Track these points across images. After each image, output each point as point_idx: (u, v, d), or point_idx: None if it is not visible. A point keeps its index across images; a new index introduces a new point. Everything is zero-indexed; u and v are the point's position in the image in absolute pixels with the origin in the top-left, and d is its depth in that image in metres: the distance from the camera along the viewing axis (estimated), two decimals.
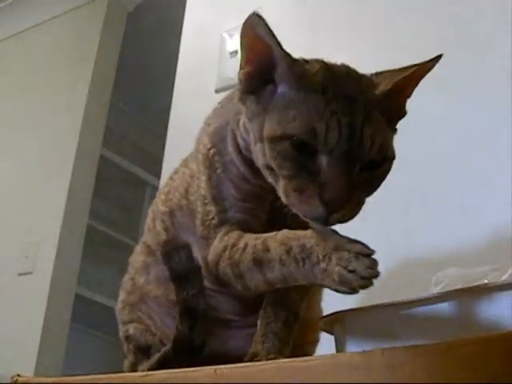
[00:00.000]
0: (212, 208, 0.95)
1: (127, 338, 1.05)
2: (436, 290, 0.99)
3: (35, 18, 3.97)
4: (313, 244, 0.77)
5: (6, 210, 3.50)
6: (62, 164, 3.37)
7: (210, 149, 0.97)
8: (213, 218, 0.95)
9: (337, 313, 0.91)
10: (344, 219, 0.78)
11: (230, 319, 1.01)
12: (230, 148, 0.94)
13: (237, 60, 1.87)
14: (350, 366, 0.65)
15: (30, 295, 3.13)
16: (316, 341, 1.09)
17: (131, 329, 1.05)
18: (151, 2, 3.89)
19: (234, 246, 0.89)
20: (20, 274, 3.22)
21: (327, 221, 0.77)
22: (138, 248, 1.12)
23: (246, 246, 0.87)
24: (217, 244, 0.93)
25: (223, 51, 1.95)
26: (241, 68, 0.86)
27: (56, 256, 3.15)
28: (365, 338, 0.90)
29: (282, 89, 0.83)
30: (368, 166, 0.80)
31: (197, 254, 0.97)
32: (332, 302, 0.98)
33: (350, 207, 0.78)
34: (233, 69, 1.65)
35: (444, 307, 0.86)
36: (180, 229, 1.02)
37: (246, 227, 0.93)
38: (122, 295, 1.10)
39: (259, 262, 0.84)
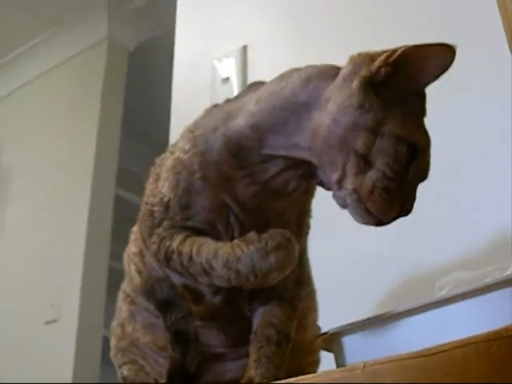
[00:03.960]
0: (172, 211, 0.93)
1: (123, 379, 1.03)
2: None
3: (36, 69, 4.03)
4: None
5: (26, 261, 3.51)
6: (78, 208, 3.39)
7: (188, 151, 0.94)
8: (171, 219, 0.93)
9: (335, 329, 0.88)
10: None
11: (222, 352, 0.99)
12: (219, 149, 0.92)
13: (229, 86, 1.89)
14: None
15: (58, 342, 3.13)
16: (315, 362, 1.06)
17: (125, 370, 1.03)
18: (152, 39, 3.92)
19: (181, 253, 0.90)
20: (47, 323, 3.23)
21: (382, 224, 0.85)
22: (120, 295, 1.10)
23: (190, 258, 0.89)
24: (169, 244, 0.92)
25: (215, 78, 1.94)
26: (385, 64, 0.84)
27: (80, 301, 3.16)
28: (365, 352, 0.87)
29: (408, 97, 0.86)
30: None
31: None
32: (332, 317, 0.96)
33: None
34: (225, 95, 1.64)
35: (444, 311, 0.83)
36: (151, 267, 0.99)
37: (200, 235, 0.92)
38: (113, 341, 1.08)
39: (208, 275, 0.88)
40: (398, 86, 0.84)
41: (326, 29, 1.78)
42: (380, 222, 0.84)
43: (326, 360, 0.96)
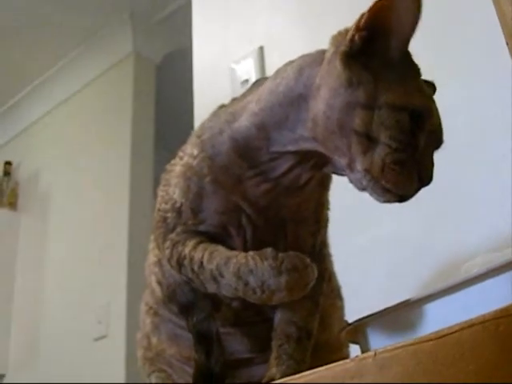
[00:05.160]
0: (185, 216, 0.93)
1: None
2: None
3: (66, 90, 4.08)
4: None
5: (72, 279, 3.55)
6: (118, 224, 3.42)
7: (196, 156, 0.93)
8: (184, 224, 0.93)
9: (358, 321, 0.87)
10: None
11: (248, 358, 0.98)
12: (228, 152, 0.91)
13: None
14: (345, 375, 0.62)
15: (108, 358, 3.15)
16: (344, 358, 1.04)
17: (153, 378, 1.04)
18: (177, 50, 3.94)
19: (192, 258, 0.90)
20: (96, 340, 3.25)
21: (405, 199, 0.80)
22: (143, 307, 1.10)
23: (201, 264, 0.88)
24: (181, 249, 0.92)
25: (234, 81, 1.94)
26: (357, 30, 0.81)
27: (127, 315, 3.17)
28: (390, 339, 0.86)
29: (395, 61, 0.82)
30: None
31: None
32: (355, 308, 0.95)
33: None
34: None
35: (468, 293, 0.81)
36: (169, 274, 0.99)
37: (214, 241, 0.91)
38: (139, 352, 1.09)
39: (216, 282, 0.86)
40: (379, 49, 0.80)
41: (342, 26, 1.77)
42: (402, 198, 0.80)
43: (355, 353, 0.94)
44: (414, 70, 0.83)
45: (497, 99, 1.37)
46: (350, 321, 0.92)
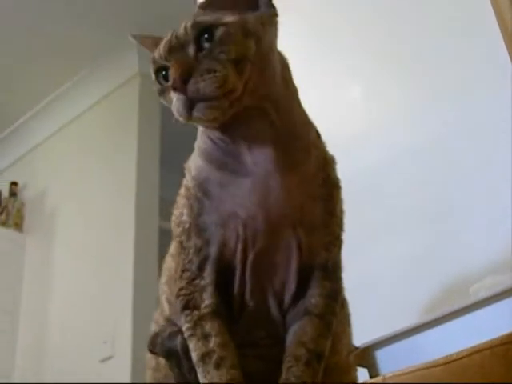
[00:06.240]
0: (193, 243, 0.95)
1: None
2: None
3: (72, 111, 4.10)
4: None
5: (77, 300, 3.54)
6: (124, 245, 3.42)
7: (190, 179, 0.97)
8: (190, 262, 0.95)
9: (366, 344, 0.87)
10: (204, 90, 0.84)
11: (264, 380, 0.97)
12: (200, 165, 0.97)
13: None
14: None
15: (114, 379, 3.13)
16: (352, 381, 1.04)
17: None
18: None
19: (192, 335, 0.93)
20: (102, 361, 3.24)
21: (186, 94, 0.84)
22: (153, 326, 1.11)
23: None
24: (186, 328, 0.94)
25: None
26: None
27: (133, 336, 3.16)
28: (398, 364, 0.85)
29: None
30: (203, 41, 0.88)
31: None
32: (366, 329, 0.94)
33: (197, 74, 0.85)
34: None
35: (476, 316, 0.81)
36: None
37: (222, 263, 0.94)
38: (148, 372, 1.11)
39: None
40: None
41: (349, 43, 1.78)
42: (189, 92, 0.85)
43: (363, 376, 0.94)
44: None
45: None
46: (357, 343, 0.92)
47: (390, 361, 0.85)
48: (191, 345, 0.91)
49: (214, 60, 0.86)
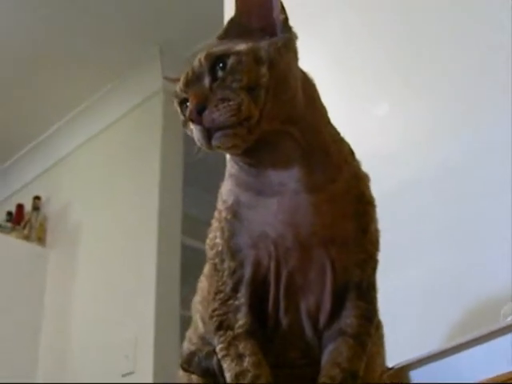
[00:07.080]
0: (226, 265, 0.96)
1: None
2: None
3: (96, 126, 4.12)
4: None
5: (99, 315, 3.56)
6: (146, 259, 3.43)
7: (222, 202, 0.99)
8: (224, 284, 0.96)
9: (400, 365, 0.87)
10: (219, 119, 0.85)
11: None
12: (232, 190, 0.98)
13: None
14: None
15: None
16: None
17: None
18: None
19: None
20: (123, 375, 3.24)
21: (202, 124, 0.85)
22: (186, 344, 1.12)
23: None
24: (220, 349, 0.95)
25: None
26: None
27: (154, 351, 3.17)
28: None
29: None
30: (217, 71, 0.89)
31: None
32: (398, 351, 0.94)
33: (212, 104, 0.86)
34: None
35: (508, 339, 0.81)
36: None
37: (256, 282, 0.95)
38: None
39: None
40: None
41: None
42: (204, 122, 0.86)
43: None
44: None
45: None
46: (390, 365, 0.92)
47: (423, 382, 0.85)
48: (225, 365, 0.92)
49: (227, 89, 0.87)
